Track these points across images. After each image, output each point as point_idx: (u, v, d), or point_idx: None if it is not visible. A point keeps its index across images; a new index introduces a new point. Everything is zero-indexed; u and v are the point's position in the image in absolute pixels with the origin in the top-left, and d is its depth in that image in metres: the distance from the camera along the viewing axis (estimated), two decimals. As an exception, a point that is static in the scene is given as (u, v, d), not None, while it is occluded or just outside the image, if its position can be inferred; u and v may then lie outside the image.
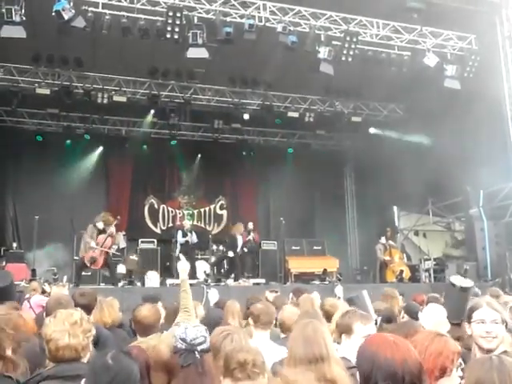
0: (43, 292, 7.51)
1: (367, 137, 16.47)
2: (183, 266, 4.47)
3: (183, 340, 2.77)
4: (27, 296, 7.20)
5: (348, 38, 11.48)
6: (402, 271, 13.52)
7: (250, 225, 14.62)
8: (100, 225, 11.07)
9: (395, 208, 17.31)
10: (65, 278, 11.82)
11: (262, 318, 3.87)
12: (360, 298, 4.67)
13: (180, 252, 13.28)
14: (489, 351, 2.79)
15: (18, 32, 9.79)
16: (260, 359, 2.39)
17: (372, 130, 16.47)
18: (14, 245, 14.79)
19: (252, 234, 14.32)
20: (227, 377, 2.34)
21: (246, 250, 14.06)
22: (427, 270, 14.40)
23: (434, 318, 3.84)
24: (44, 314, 4.01)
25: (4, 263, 12.42)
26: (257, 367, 2.34)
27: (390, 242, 14.23)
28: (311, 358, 2.33)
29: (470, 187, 13.52)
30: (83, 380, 2.18)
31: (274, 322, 4.17)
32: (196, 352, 2.72)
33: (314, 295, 5.03)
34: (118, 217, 12.15)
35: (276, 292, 7.01)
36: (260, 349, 2.62)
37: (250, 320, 3.97)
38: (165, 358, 2.91)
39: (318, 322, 2.63)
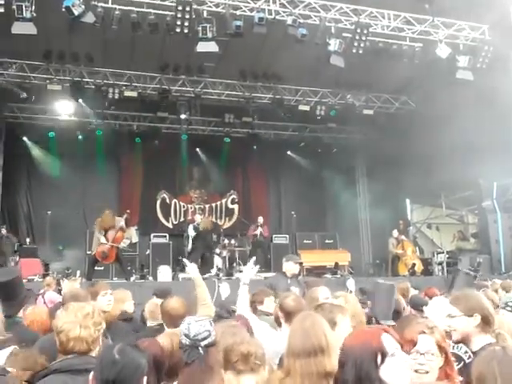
0: (59, 287, 7.55)
1: (379, 130, 16.32)
2: (191, 268, 4.64)
3: (186, 336, 2.74)
4: (41, 291, 7.27)
5: (359, 30, 11.34)
6: (414, 264, 13.49)
7: (260, 219, 14.59)
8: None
9: (408, 201, 17.19)
10: (78, 272, 11.96)
11: (292, 315, 3.77)
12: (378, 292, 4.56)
13: (192, 246, 13.36)
14: None
15: (29, 28, 9.79)
16: (261, 351, 2.38)
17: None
18: (28, 240, 14.96)
19: (260, 228, 14.30)
20: (229, 369, 2.34)
21: (254, 244, 14.10)
22: (440, 263, 14.31)
23: (440, 310, 3.78)
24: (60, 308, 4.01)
25: (18, 258, 12.56)
26: (258, 359, 2.34)
27: (403, 236, 14.19)
28: (310, 351, 2.32)
29: (482, 180, 13.36)
30: (91, 373, 2.18)
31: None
32: (200, 348, 2.68)
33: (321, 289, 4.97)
34: (128, 211, 12.22)
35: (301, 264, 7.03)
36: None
37: (281, 314, 3.83)
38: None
39: (317, 315, 2.61)
